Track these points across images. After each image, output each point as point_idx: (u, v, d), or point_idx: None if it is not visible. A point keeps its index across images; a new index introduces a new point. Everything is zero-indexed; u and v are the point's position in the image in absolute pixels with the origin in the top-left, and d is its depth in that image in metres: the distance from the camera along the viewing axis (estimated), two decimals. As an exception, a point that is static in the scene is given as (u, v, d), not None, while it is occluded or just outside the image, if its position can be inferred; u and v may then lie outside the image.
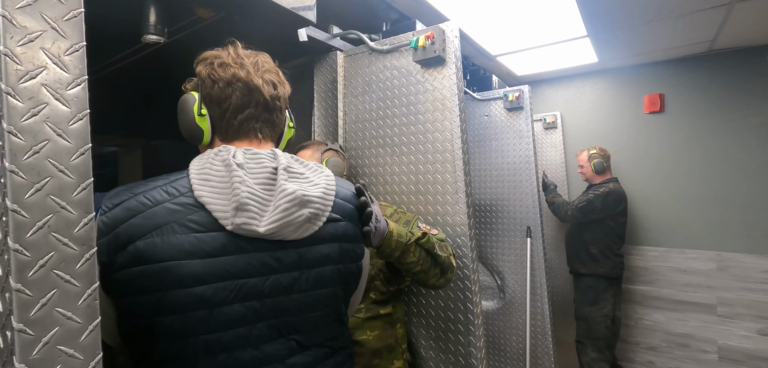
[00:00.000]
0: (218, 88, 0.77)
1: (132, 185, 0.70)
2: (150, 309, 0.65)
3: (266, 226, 0.70)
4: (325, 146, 1.39)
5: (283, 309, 0.74)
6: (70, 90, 0.41)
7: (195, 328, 0.67)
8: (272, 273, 0.72)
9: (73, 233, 0.41)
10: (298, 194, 0.72)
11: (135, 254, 0.64)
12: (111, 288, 0.66)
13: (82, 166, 0.42)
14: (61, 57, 0.41)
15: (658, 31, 2.42)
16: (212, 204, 0.68)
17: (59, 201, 0.40)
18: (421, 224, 1.26)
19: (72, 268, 0.41)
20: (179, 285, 0.65)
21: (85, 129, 0.43)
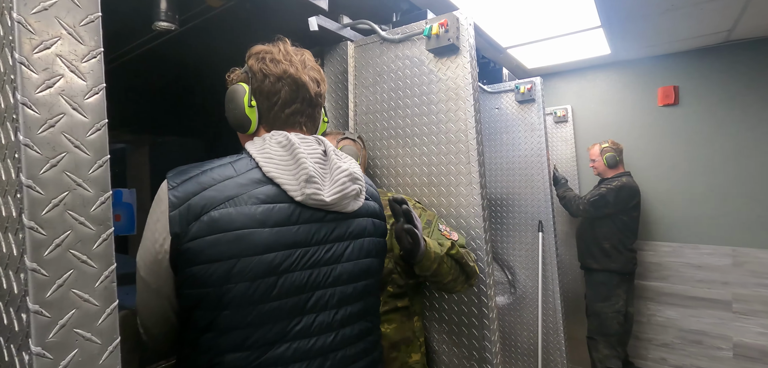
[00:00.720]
0: (269, 82, 0.83)
1: (195, 164, 0.77)
2: (222, 276, 0.70)
3: (330, 196, 0.78)
4: (342, 135, 1.38)
5: (336, 278, 0.81)
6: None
7: (262, 295, 0.72)
8: (328, 243, 0.80)
9: (90, 212, 0.39)
10: (350, 170, 0.82)
11: (210, 222, 0.70)
12: (180, 257, 0.70)
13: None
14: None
15: (674, 21, 2.36)
16: (280, 178, 0.76)
17: (75, 178, 0.38)
18: (442, 226, 1.24)
19: (89, 248, 0.39)
20: (253, 252, 0.71)
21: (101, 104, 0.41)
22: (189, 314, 0.74)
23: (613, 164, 2.76)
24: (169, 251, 0.71)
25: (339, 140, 1.36)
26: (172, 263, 0.72)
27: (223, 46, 1.74)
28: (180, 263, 0.71)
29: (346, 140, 1.37)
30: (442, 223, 1.27)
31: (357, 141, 1.39)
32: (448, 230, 1.25)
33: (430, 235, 1.22)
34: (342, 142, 1.35)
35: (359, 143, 1.40)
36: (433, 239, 1.20)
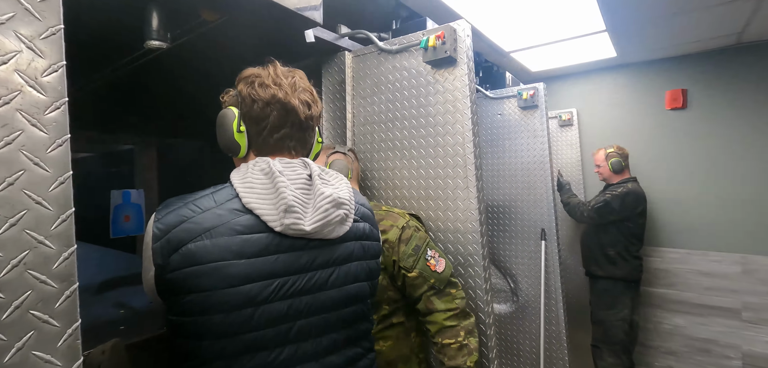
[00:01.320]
0: (257, 107, 0.82)
1: (182, 196, 0.77)
2: (199, 307, 0.71)
3: (311, 225, 0.77)
4: (332, 149, 1.36)
5: (319, 306, 0.80)
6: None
7: (240, 326, 0.72)
8: (309, 271, 0.79)
9: (52, 269, 0.38)
10: (334, 196, 0.80)
11: (187, 254, 0.70)
12: (163, 287, 0.72)
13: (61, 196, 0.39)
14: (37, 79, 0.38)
15: (682, 24, 2.31)
16: (260, 208, 0.75)
17: (36, 235, 0.37)
18: (430, 253, 1.23)
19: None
20: (228, 284, 0.71)
21: (65, 155, 0.39)
22: (173, 341, 0.75)
23: (618, 169, 2.71)
24: (154, 280, 0.73)
25: (329, 154, 1.34)
26: (158, 292, 0.74)
27: (225, 54, 1.73)
28: (163, 293, 0.73)
29: (336, 154, 1.35)
30: (431, 248, 1.25)
31: (348, 154, 1.37)
32: (435, 261, 1.23)
33: (416, 265, 1.20)
34: (332, 157, 1.34)
35: (351, 155, 1.38)
36: (417, 269, 1.20)
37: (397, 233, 1.23)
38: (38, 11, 0.38)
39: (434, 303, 1.20)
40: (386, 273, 1.23)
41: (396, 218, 1.27)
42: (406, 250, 1.21)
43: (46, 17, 0.39)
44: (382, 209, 1.31)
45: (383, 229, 1.23)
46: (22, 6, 0.38)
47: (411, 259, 1.21)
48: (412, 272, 1.20)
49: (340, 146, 1.40)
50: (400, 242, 1.21)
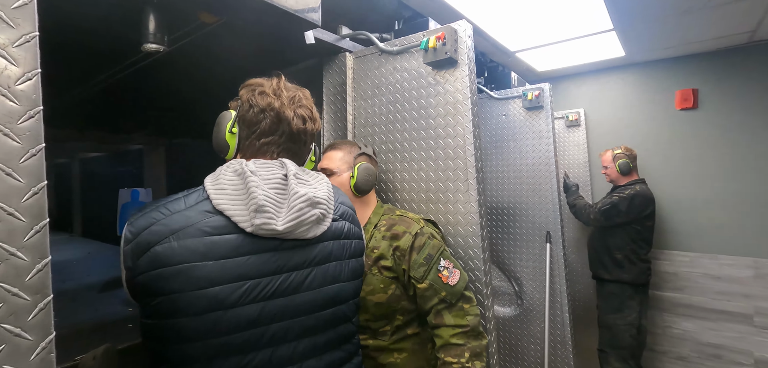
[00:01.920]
0: (253, 112, 0.83)
1: (157, 200, 0.76)
2: (167, 310, 0.69)
3: (284, 225, 0.75)
4: (359, 150, 1.29)
5: (294, 309, 0.78)
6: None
7: (209, 330, 0.71)
8: (282, 272, 0.76)
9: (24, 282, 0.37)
10: (309, 196, 0.78)
11: (154, 257, 0.69)
12: (135, 291, 0.72)
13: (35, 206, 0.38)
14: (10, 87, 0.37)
15: (692, 23, 2.25)
16: (230, 209, 0.74)
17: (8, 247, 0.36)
18: (443, 263, 1.16)
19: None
20: (195, 286, 0.69)
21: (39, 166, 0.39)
22: (145, 344, 0.75)
23: (626, 170, 2.65)
24: (126, 281, 0.73)
25: (356, 155, 1.28)
26: (131, 295, 0.74)
27: (227, 54, 1.74)
28: (135, 295, 0.73)
29: (363, 156, 1.29)
30: (445, 258, 1.17)
31: (372, 157, 1.32)
32: (448, 272, 1.15)
33: (427, 275, 1.14)
34: (359, 158, 1.28)
35: (375, 158, 1.34)
36: (428, 280, 1.14)
37: (409, 240, 1.17)
38: (11, 18, 0.38)
39: (444, 317, 1.14)
40: (398, 282, 1.18)
41: (409, 223, 1.21)
42: (418, 259, 1.15)
43: (21, 24, 0.38)
44: (395, 214, 1.26)
45: (395, 234, 1.19)
46: (-5, 14, 0.37)
47: (422, 269, 1.15)
48: (422, 284, 1.14)
49: (365, 147, 1.32)
50: (411, 251, 1.16)
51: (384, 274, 1.18)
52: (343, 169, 1.25)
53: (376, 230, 1.23)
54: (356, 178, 1.22)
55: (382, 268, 1.18)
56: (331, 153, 1.28)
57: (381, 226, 1.23)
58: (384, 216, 1.26)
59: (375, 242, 1.21)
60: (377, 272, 1.18)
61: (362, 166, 1.23)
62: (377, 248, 1.20)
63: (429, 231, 1.20)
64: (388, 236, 1.20)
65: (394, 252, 1.17)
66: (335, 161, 1.26)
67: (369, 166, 1.25)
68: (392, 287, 1.18)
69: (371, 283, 1.18)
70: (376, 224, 1.24)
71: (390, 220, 1.23)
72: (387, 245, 1.18)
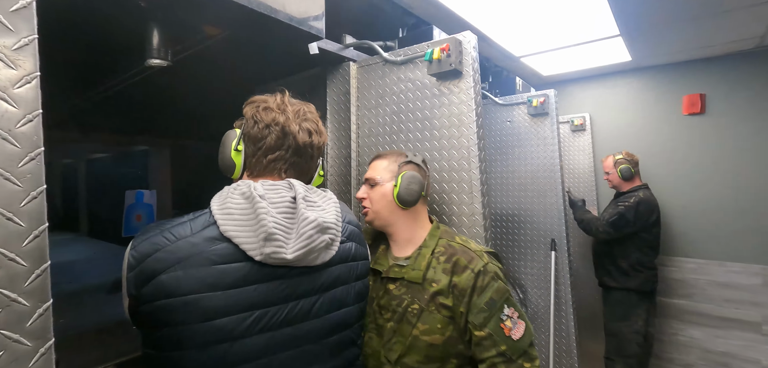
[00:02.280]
0: (258, 128, 0.81)
1: (160, 222, 0.73)
2: (172, 342, 0.67)
3: (293, 253, 0.72)
4: (405, 158, 1.17)
5: (302, 337, 0.76)
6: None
7: (215, 362, 0.68)
8: (290, 301, 0.74)
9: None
10: (319, 221, 0.76)
11: (159, 287, 0.66)
12: (136, 318, 0.69)
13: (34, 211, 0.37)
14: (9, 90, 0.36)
15: (700, 28, 2.22)
16: (238, 237, 0.70)
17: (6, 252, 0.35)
18: (507, 312, 1.01)
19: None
20: (202, 318, 0.67)
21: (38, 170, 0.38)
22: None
23: (628, 176, 2.62)
24: (128, 309, 0.70)
25: (401, 163, 1.15)
26: (133, 322, 0.71)
27: (232, 63, 1.74)
28: (138, 324, 0.70)
29: (410, 164, 1.15)
30: (510, 305, 1.02)
31: (422, 166, 1.18)
32: (511, 323, 1.00)
33: (487, 323, 0.99)
34: (404, 167, 1.15)
35: (424, 168, 1.19)
36: (488, 329, 0.99)
37: (470, 279, 1.02)
38: (10, 22, 0.37)
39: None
40: (455, 324, 1.03)
41: (471, 257, 1.06)
42: (478, 303, 1.00)
43: (19, 28, 0.38)
44: (455, 241, 1.11)
45: (455, 268, 1.04)
46: (-7, 16, 0.37)
47: (482, 316, 1.00)
48: (480, 332, 1.00)
49: (414, 155, 1.19)
50: (473, 292, 1.01)
51: (442, 313, 1.03)
52: (387, 178, 1.14)
53: (434, 259, 1.08)
54: (399, 187, 1.10)
55: (440, 306, 1.03)
56: (376, 163, 1.19)
57: (439, 254, 1.08)
58: (441, 241, 1.12)
59: (434, 274, 1.06)
60: (435, 310, 1.03)
61: (406, 175, 1.11)
62: (436, 281, 1.05)
63: (493, 270, 1.05)
64: (448, 269, 1.05)
65: (453, 290, 1.03)
66: (379, 170, 1.17)
67: (414, 174, 1.11)
68: (450, 328, 1.03)
69: (427, 322, 1.03)
70: (433, 250, 1.10)
71: (450, 249, 1.09)
72: (447, 280, 1.04)
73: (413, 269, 1.08)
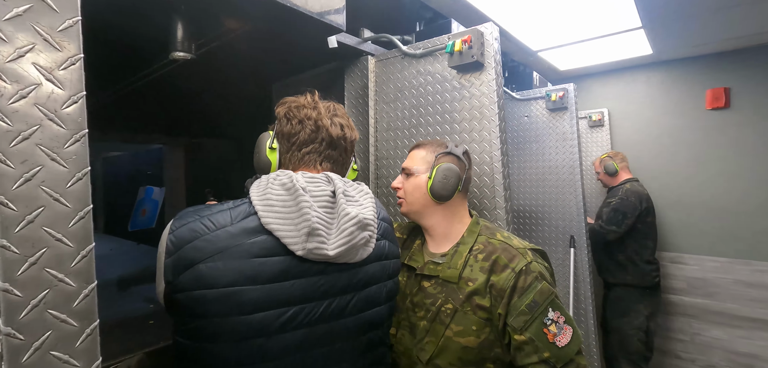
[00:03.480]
0: (291, 125, 0.82)
1: (199, 208, 0.72)
2: (206, 334, 0.66)
3: (334, 250, 0.71)
4: (444, 148, 1.09)
5: (335, 335, 0.75)
6: (65, 109, 0.37)
7: (250, 357, 0.67)
8: (326, 298, 0.73)
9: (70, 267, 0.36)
10: (360, 218, 0.74)
11: (198, 277, 0.65)
12: (172, 304, 0.68)
13: (79, 192, 0.37)
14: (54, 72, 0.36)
15: (727, 20, 2.16)
16: (280, 230, 0.69)
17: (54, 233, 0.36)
18: (551, 315, 0.91)
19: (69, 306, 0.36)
20: (240, 311, 0.66)
21: (83, 151, 0.38)
22: (178, 363, 0.72)
23: (612, 171, 2.67)
24: (164, 295, 0.69)
25: (438, 155, 1.08)
26: (166, 307, 0.70)
27: (249, 58, 1.75)
28: (171, 310, 0.69)
29: (447, 156, 1.08)
30: (555, 308, 0.92)
31: (462, 159, 1.09)
32: (556, 328, 0.90)
33: (528, 326, 0.91)
34: (441, 158, 1.07)
35: (464, 160, 1.10)
36: (529, 333, 0.90)
37: (511, 279, 0.94)
38: (55, 3, 0.37)
39: None
40: (493, 326, 0.96)
41: (513, 255, 0.98)
42: (518, 304, 0.92)
43: (64, 9, 0.38)
44: (496, 237, 1.04)
45: (494, 267, 0.97)
46: (41, 36, 0.37)
47: (522, 318, 0.91)
48: (520, 335, 0.91)
49: (455, 146, 1.10)
50: (513, 292, 0.93)
51: (479, 314, 0.96)
52: (422, 169, 1.08)
53: (472, 257, 1.02)
54: (433, 180, 1.03)
55: (476, 307, 0.97)
56: (414, 152, 1.14)
57: (477, 252, 1.02)
58: (480, 238, 1.05)
59: (470, 272, 1.00)
60: (470, 312, 0.97)
61: (442, 167, 1.04)
62: (472, 280, 0.98)
63: (538, 269, 0.96)
64: (486, 268, 0.98)
65: (491, 290, 0.96)
66: (416, 160, 1.11)
67: (451, 166, 1.04)
68: (486, 331, 0.96)
69: (462, 323, 0.97)
70: (471, 248, 1.03)
71: (489, 246, 1.02)
72: (485, 279, 0.97)
73: (449, 267, 1.03)
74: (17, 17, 0.35)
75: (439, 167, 1.04)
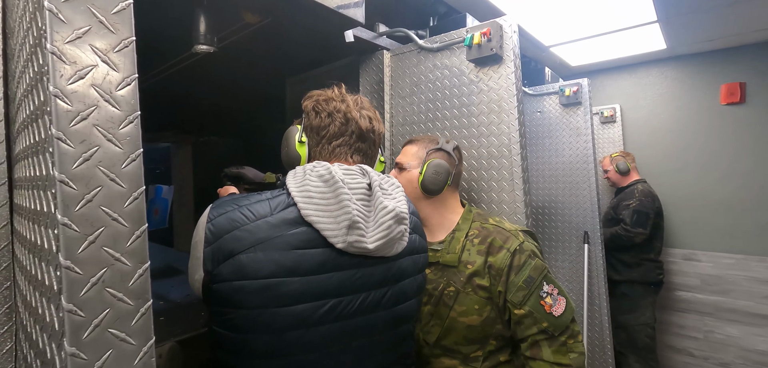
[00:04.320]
0: (320, 118, 0.82)
1: (237, 197, 0.72)
2: (246, 325, 0.66)
3: (374, 243, 0.71)
4: (436, 144, 1.13)
5: (371, 328, 0.75)
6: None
7: (289, 348, 0.67)
8: (362, 291, 0.73)
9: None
10: (397, 211, 0.74)
11: (238, 267, 0.65)
12: (210, 294, 0.67)
13: (135, 211, 0.38)
14: (112, 93, 0.37)
15: (744, 13, 2.13)
16: (320, 222, 0.69)
17: (113, 252, 0.36)
18: (546, 288, 0.99)
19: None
20: (279, 303, 0.66)
21: (138, 171, 0.39)
22: (214, 352, 0.72)
23: (624, 170, 2.67)
24: (202, 284, 0.69)
25: (429, 150, 1.12)
26: (204, 296, 0.70)
27: (261, 54, 1.75)
28: (209, 299, 0.69)
29: (438, 152, 1.12)
30: (549, 282, 1.00)
31: (452, 154, 1.13)
32: (551, 300, 0.98)
33: (526, 301, 0.98)
34: (432, 154, 1.12)
35: (455, 156, 1.14)
36: (527, 307, 0.98)
37: (507, 258, 1.01)
38: (111, 24, 0.38)
39: (542, 349, 0.97)
40: (493, 304, 1.03)
41: (507, 237, 1.05)
42: (516, 281, 1.00)
43: (120, 29, 0.38)
44: (489, 222, 1.10)
45: (490, 249, 1.04)
46: (97, 18, 0.37)
47: (520, 294, 0.99)
48: (519, 310, 0.99)
49: (446, 142, 1.14)
50: (510, 271, 1.00)
51: (479, 294, 1.03)
52: (414, 164, 1.13)
53: (468, 241, 1.08)
54: (423, 175, 1.08)
55: (477, 287, 1.03)
56: (407, 147, 1.18)
57: (473, 237, 1.08)
58: (475, 224, 1.11)
59: (469, 256, 1.06)
60: (471, 292, 1.03)
61: (432, 163, 1.08)
62: (471, 263, 1.04)
63: (530, 248, 1.04)
64: (483, 250, 1.04)
65: (489, 270, 1.02)
66: (408, 155, 1.15)
67: (441, 163, 1.08)
68: (487, 309, 1.02)
69: (464, 303, 1.03)
70: (467, 233, 1.09)
71: (484, 230, 1.08)
72: (482, 261, 1.03)
73: (448, 252, 1.09)
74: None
75: (429, 162, 1.09)
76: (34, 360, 0.46)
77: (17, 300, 0.65)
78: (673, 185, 2.87)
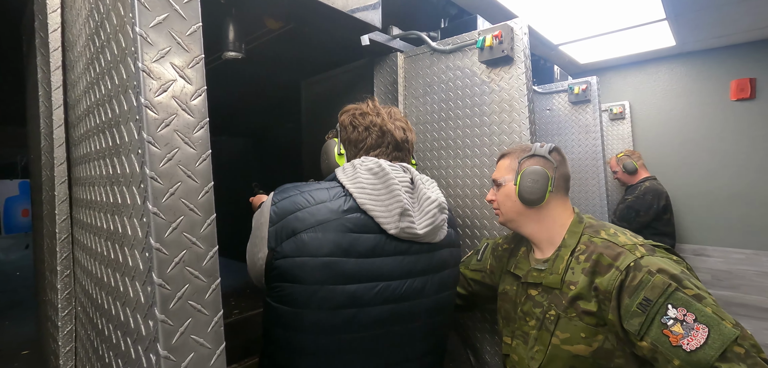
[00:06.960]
0: (357, 132, 0.89)
1: (297, 184, 0.80)
2: (303, 300, 0.72)
3: (423, 229, 0.78)
4: (528, 151, 1.02)
5: (415, 313, 0.80)
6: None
7: (341, 325, 0.73)
8: (409, 277, 0.79)
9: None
10: (439, 201, 0.82)
11: (300, 245, 0.72)
12: (272, 270, 0.74)
13: (207, 203, 0.45)
14: (188, 103, 0.44)
15: (754, 9, 2.14)
16: (374, 210, 0.76)
17: (190, 237, 0.43)
18: (673, 311, 0.75)
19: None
20: (335, 282, 0.72)
21: (208, 169, 0.46)
22: (266, 326, 0.78)
23: (631, 169, 2.68)
24: (265, 261, 0.75)
25: (520, 160, 1.02)
26: (265, 273, 0.76)
27: (280, 58, 1.82)
28: (271, 275, 0.75)
29: (531, 159, 1.01)
30: (678, 303, 0.75)
31: (549, 157, 1.00)
32: (682, 329, 0.73)
33: (646, 330, 0.77)
34: (524, 163, 1.01)
35: (553, 158, 1.00)
36: (649, 338, 0.76)
37: (616, 278, 0.82)
38: (186, 44, 0.45)
39: None
40: (610, 333, 0.85)
41: (618, 253, 0.86)
42: (630, 305, 0.79)
43: (192, 49, 0.45)
44: (600, 236, 0.92)
45: (597, 268, 0.86)
46: (176, 40, 0.44)
47: (637, 321, 0.78)
48: (642, 342, 0.78)
49: (541, 147, 1.01)
50: (621, 293, 0.81)
51: (585, 320, 0.87)
52: (509, 178, 1.03)
53: (573, 259, 0.93)
54: (519, 185, 0.97)
55: (582, 313, 0.87)
56: (500, 162, 1.09)
57: (579, 254, 0.92)
58: (583, 238, 0.95)
59: (572, 275, 0.90)
60: (576, 318, 0.88)
61: (527, 170, 0.97)
62: (574, 284, 0.89)
63: (652, 264, 0.81)
64: (588, 269, 0.88)
65: (596, 294, 0.85)
66: (502, 170, 1.06)
67: (536, 168, 0.96)
68: (599, 338, 0.86)
69: (567, 329, 0.89)
70: (573, 250, 0.94)
71: (591, 246, 0.91)
72: (587, 282, 0.87)
73: (551, 272, 0.95)
74: (158, 24, 0.42)
75: (524, 171, 0.98)
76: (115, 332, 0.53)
77: (76, 286, 0.73)
78: (683, 181, 2.88)
